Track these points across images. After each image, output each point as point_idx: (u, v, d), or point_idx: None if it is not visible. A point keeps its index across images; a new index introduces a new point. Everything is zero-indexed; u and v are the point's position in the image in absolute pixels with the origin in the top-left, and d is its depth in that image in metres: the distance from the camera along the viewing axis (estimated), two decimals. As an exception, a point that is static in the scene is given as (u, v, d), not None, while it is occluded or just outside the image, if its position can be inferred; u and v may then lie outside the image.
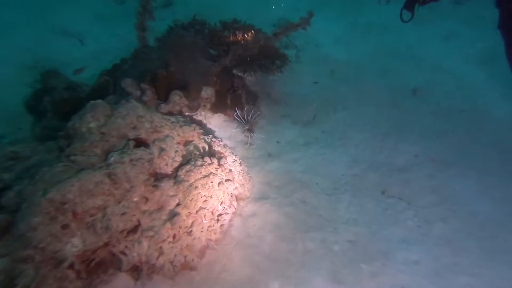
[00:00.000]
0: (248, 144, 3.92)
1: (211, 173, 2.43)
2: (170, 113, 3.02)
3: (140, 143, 2.41)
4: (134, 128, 2.38)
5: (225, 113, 4.20)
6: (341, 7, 7.81)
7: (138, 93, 2.80)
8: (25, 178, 1.88)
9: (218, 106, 4.00)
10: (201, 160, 2.46)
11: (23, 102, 3.66)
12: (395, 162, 3.79)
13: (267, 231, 2.94)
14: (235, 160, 3.22)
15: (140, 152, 2.13)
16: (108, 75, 3.67)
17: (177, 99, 2.98)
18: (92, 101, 2.43)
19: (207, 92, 3.61)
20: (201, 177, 2.34)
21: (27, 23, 5.76)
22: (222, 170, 2.58)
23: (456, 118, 4.61)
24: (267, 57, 4.08)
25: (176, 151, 2.46)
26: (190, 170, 2.31)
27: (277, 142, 4.11)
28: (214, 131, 4.03)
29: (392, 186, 3.46)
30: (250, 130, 3.90)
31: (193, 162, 2.41)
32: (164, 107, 2.88)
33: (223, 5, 7.33)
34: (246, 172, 3.31)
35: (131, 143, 2.21)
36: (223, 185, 2.50)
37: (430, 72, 5.58)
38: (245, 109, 4.03)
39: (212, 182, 2.40)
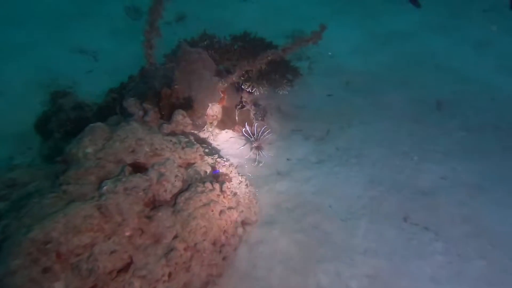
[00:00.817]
0: (257, 162, 3.72)
1: (211, 200, 2.25)
2: (173, 133, 2.89)
3: (139, 168, 2.28)
4: (132, 151, 2.26)
5: (233, 129, 4.04)
6: (359, 14, 7.56)
7: (141, 113, 2.71)
8: (15, 210, 1.78)
9: (225, 122, 3.85)
10: (202, 185, 2.29)
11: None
12: (419, 184, 3.43)
13: (275, 262, 2.69)
14: (241, 182, 3.03)
15: (136, 180, 2.00)
16: (116, 93, 3.63)
17: (180, 118, 2.85)
18: (91, 124, 2.34)
19: (214, 110, 3.47)
20: (201, 206, 2.16)
21: (46, 41, 5.96)
22: (224, 197, 2.39)
23: (489, 135, 4.16)
24: (277, 71, 3.90)
25: (176, 176, 2.31)
26: (189, 198, 2.15)
27: (287, 159, 3.88)
28: (220, 150, 3.88)
29: (415, 212, 3.11)
30: (258, 148, 3.71)
31: (193, 189, 2.24)
32: (167, 127, 2.76)
33: (236, 18, 7.31)
34: (253, 194, 3.10)
35: (127, 169, 2.08)
36: (225, 214, 2.31)
37: (458, 83, 5.18)
38: (253, 125, 3.86)
39: (213, 211, 2.22)
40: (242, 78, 3.65)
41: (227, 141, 4.01)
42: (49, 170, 2.38)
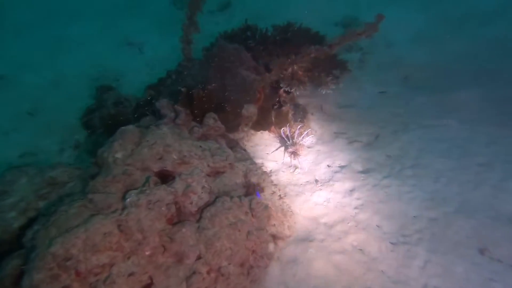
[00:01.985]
0: (293, 169, 3.42)
1: (239, 220, 2.04)
2: (205, 137, 2.73)
3: (166, 176, 2.17)
4: (160, 159, 2.15)
5: (270, 130, 3.77)
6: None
7: (173, 115, 2.59)
8: (47, 215, 1.80)
9: (261, 123, 3.58)
10: (229, 201, 2.09)
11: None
12: (502, 208, 2.77)
13: (310, 287, 2.42)
14: (274, 192, 2.77)
15: (160, 193, 1.88)
16: (154, 89, 3.60)
17: (212, 122, 2.67)
18: (122, 127, 2.28)
19: (249, 110, 3.22)
20: (227, 225, 1.97)
21: (98, 35, 6.28)
22: (253, 215, 2.16)
23: None
24: (322, 66, 3.47)
25: (203, 187, 2.15)
26: (215, 215, 1.97)
27: (328, 166, 3.50)
28: (255, 153, 3.65)
29: (497, 243, 2.50)
30: (294, 153, 3.39)
31: (219, 204, 2.05)
32: (198, 131, 2.60)
33: (283, 4, 6.85)
34: (287, 205, 2.83)
35: (152, 181, 1.97)
36: (252, 235, 2.09)
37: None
38: (291, 127, 3.53)
39: (240, 231, 2.01)
40: (281, 75, 3.32)
41: (263, 143, 3.76)
42: (84, 171, 2.40)
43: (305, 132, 3.48)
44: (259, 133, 3.76)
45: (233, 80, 3.23)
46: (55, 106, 4.54)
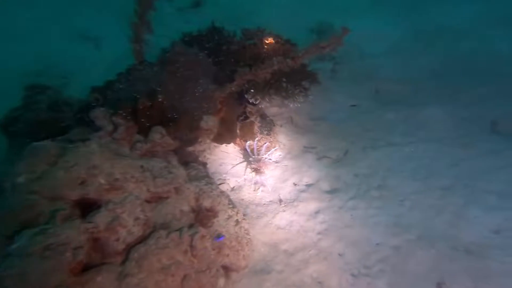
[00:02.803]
0: (254, 187, 3.15)
1: (175, 262, 1.73)
2: (152, 153, 2.37)
3: (90, 205, 1.80)
4: (82, 183, 1.77)
5: (235, 142, 3.47)
6: (402, 5, 6.43)
7: (110, 127, 2.21)
8: None
9: (224, 136, 3.27)
10: (165, 237, 1.76)
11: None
12: (462, 237, 2.66)
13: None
14: (230, 217, 2.48)
15: (67, 233, 1.51)
16: (100, 93, 3.17)
17: (158, 138, 2.33)
18: (34, 143, 1.88)
19: (208, 123, 2.90)
20: (158, 269, 1.65)
21: (47, 27, 5.54)
22: (194, 255, 1.84)
23: None
24: (290, 77, 3.22)
25: (137, 219, 1.80)
26: (144, 257, 1.64)
27: (294, 184, 3.27)
28: (217, 167, 3.34)
29: (455, 277, 2.38)
30: (258, 170, 3.12)
31: (152, 241, 1.72)
32: (141, 147, 2.24)
33: (261, 5, 6.56)
34: (245, 231, 2.55)
35: (61, 215, 1.60)
36: (190, 280, 1.78)
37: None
38: (255, 142, 3.26)
39: (173, 276, 1.70)
40: (246, 85, 3.03)
41: (227, 157, 3.46)
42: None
43: (272, 149, 3.23)
44: (223, 145, 3.45)
45: (190, 89, 2.89)
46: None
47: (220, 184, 3.15)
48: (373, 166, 3.42)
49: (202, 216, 2.23)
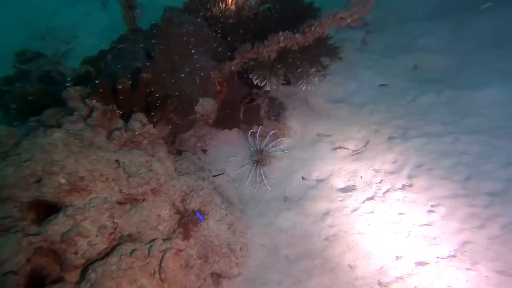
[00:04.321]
0: (258, 179, 2.80)
1: (139, 287, 1.47)
2: (133, 143, 2.08)
3: (50, 209, 1.57)
4: (37, 182, 1.53)
5: (239, 127, 3.08)
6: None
7: (85, 111, 1.91)
8: None
9: (226, 121, 2.90)
10: (129, 255, 1.50)
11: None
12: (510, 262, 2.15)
13: None
14: (222, 219, 2.19)
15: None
16: (92, 64, 2.88)
17: (138, 126, 2.00)
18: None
19: (204, 106, 2.53)
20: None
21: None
22: (163, 279, 1.56)
23: None
24: (306, 52, 2.66)
25: (102, 228, 1.56)
26: (100, 283, 1.38)
27: (303, 178, 2.87)
28: (218, 154, 3.01)
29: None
30: (260, 163, 2.75)
31: (114, 259, 1.47)
32: (120, 137, 1.94)
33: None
34: (240, 234, 2.27)
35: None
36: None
37: None
38: (258, 130, 2.84)
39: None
40: (252, 62, 2.54)
41: (229, 143, 3.10)
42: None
43: (276, 137, 2.81)
44: (225, 131, 3.09)
45: (186, 66, 2.49)
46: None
47: (218, 174, 2.84)
48: (399, 161, 2.88)
49: (187, 220, 1.96)
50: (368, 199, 2.67)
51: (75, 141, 1.75)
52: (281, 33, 2.17)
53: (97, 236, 1.52)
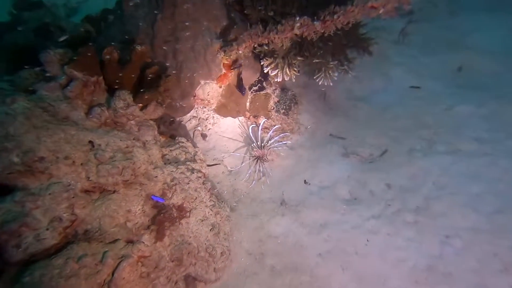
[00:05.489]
0: (256, 175, 2.56)
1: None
2: (116, 124, 1.87)
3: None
4: None
5: (245, 116, 2.80)
6: None
7: (63, 79, 1.70)
8: None
9: (229, 108, 2.62)
10: (77, 260, 1.31)
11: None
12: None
13: None
14: (205, 219, 2.00)
15: None
16: (93, 24, 2.66)
17: (121, 106, 1.77)
18: None
19: (206, 90, 2.27)
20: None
21: None
22: None
23: None
24: (330, 40, 2.27)
25: (56, 220, 1.38)
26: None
27: (305, 182, 2.60)
28: (217, 142, 2.78)
29: None
30: (261, 159, 2.48)
31: (59, 261, 1.28)
32: (99, 114, 1.72)
33: None
34: (223, 237, 2.08)
35: None
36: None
37: None
38: (260, 123, 2.54)
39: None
40: (265, 47, 2.19)
41: (231, 131, 2.85)
42: None
43: (279, 133, 2.51)
44: (227, 119, 2.82)
45: (188, 41, 2.19)
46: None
47: (214, 164, 2.62)
48: (417, 178, 2.53)
49: (163, 217, 1.77)
50: (373, 216, 2.37)
51: (43, 114, 1.55)
52: (298, 18, 1.79)
53: (47, 229, 1.36)
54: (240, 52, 2.05)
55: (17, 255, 1.28)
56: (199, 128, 2.85)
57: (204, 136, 2.82)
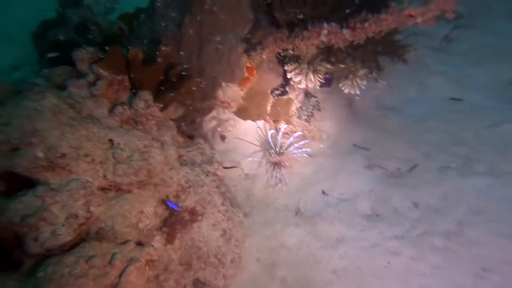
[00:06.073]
0: (274, 181, 2.49)
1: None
2: (136, 122, 1.90)
3: (20, 182, 1.48)
4: (14, 151, 1.43)
5: (265, 119, 2.75)
6: None
7: (91, 77, 1.76)
8: None
9: (250, 111, 2.58)
10: (87, 260, 1.32)
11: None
12: None
13: None
14: (217, 224, 1.98)
15: None
16: (126, 22, 2.75)
17: (142, 106, 1.80)
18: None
19: (227, 93, 2.25)
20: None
21: None
22: None
23: None
24: (363, 46, 2.13)
25: (72, 217, 1.43)
26: (40, 287, 1.25)
27: (323, 192, 2.49)
28: (237, 145, 2.75)
29: None
30: (278, 165, 2.41)
31: (71, 259, 1.31)
32: (121, 113, 1.76)
33: None
34: (235, 243, 2.05)
35: None
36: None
37: None
38: (281, 130, 2.46)
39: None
40: (290, 52, 2.11)
41: (252, 134, 2.80)
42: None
43: (299, 140, 2.42)
44: (247, 122, 2.78)
45: (212, 44, 2.18)
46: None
47: (231, 167, 2.60)
48: (449, 199, 2.31)
49: (175, 220, 1.78)
50: (396, 236, 2.20)
51: (70, 111, 1.61)
52: (325, 25, 1.68)
53: (63, 225, 1.41)
54: (264, 56, 1.99)
55: (34, 248, 1.34)
56: (219, 129, 2.84)
57: (223, 137, 2.80)
